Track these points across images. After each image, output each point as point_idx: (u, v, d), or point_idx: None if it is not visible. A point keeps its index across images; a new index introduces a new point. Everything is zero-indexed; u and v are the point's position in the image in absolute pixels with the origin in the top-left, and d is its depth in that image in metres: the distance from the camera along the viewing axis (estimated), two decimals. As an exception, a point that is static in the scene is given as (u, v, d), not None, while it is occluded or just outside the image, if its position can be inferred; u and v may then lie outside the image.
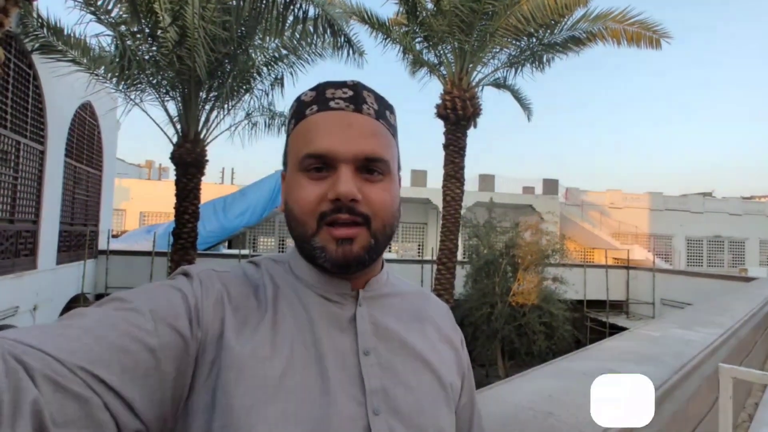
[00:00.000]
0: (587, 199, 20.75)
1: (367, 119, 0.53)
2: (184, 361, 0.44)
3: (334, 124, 0.52)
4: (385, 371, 0.51)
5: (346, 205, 0.49)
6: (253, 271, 0.56)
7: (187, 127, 7.48)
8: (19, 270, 6.59)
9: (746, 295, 4.96)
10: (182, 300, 0.46)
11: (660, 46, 7.82)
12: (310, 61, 8.02)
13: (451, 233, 8.51)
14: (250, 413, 0.43)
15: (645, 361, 1.87)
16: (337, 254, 0.50)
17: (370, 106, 0.54)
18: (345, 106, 0.53)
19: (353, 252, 0.50)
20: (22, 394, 0.31)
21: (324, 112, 0.52)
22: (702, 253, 21.39)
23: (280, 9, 5.43)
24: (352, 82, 0.55)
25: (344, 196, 0.49)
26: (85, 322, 0.39)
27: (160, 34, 6.49)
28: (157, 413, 0.41)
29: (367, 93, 0.55)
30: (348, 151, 0.50)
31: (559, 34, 8.40)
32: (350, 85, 0.54)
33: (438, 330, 0.60)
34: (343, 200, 0.49)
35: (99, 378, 0.36)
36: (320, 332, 0.50)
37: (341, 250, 0.50)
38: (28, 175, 6.79)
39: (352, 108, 0.53)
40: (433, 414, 0.52)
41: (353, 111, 0.53)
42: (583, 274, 12.91)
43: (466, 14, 7.47)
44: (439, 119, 8.57)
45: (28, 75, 6.66)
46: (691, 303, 8.37)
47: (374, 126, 0.53)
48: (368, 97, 0.54)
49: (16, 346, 0.34)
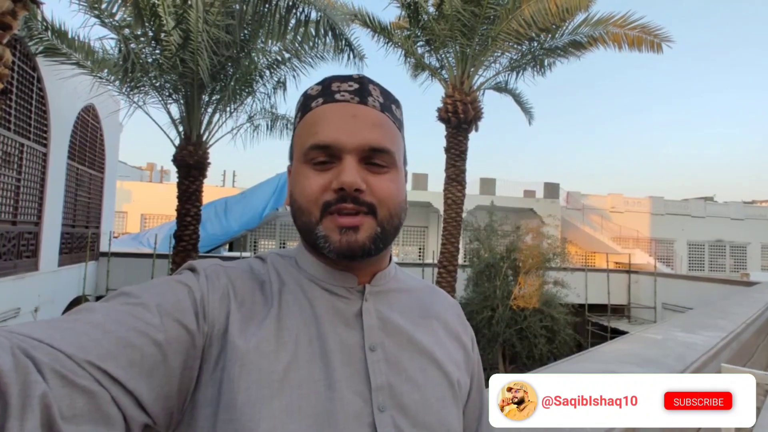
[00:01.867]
0: (588, 203, 20.72)
1: (372, 111, 0.53)
2: (191, 355, 0.44)
3: (338, 115, 0.52)
4: (391, 367, 0.51)
5: (351, 194, 0.49)
6: (259, 266, 0.56)
7: (189, 130, 7.50)
8: (20, 271, 6.60)
9: (748, 300, 4.94)
10: (188, 294, 0.47)
11: (661, 50, 7.85)
12: (312, 64, 8.05)
13: (452, 236, 8.51)
14: (255, 407, 0.43)
15: (647, 364, 1.87)
16: (341, 243, 0.49)
17: (376, 99, 0.54)
18: (350, 98, 0.53)
19: (358, 241, 0.50)
20: (31, 388, 0.31)
21: (329, 104, 0.52)
22: (704, 257, 21.33)
23: (283, 13, 5.46)
24: (357, 76, 0.55)
25: (348, 186, 0.49)
26: (92, 317, 0.40)
27: (163, 37, 6.53)
28: (164, 407, 0.41)
29: (372, 86, 0.55)
30: (352, 141, 0.50)
31: (561, 38, 8.42)
32: (356, 79, 0.55)
33: (446, 326, 0.60)
34: (348, 190, 0.49)
35: (107, 372, 0.36)
36: (326, 327, 0.50)
37: (345, 238, 0.49)
38: (31, 177, 6.81)
39: (357, 100, 0.53)
40: (440, 411, 0.52)
41: (358, 103, 0.53)
42: (584, 277, 12.87)
43: (468, 18, 7.50)
44: (441, 123, 8.59)
45: (32, 77, 6.70)
46: (692, 307, 8.34)
47: (379, 117, 0.53)
48: (374, 91, 0.55)
49: (25, 341, 0.34)
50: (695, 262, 21.16)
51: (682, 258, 20.79)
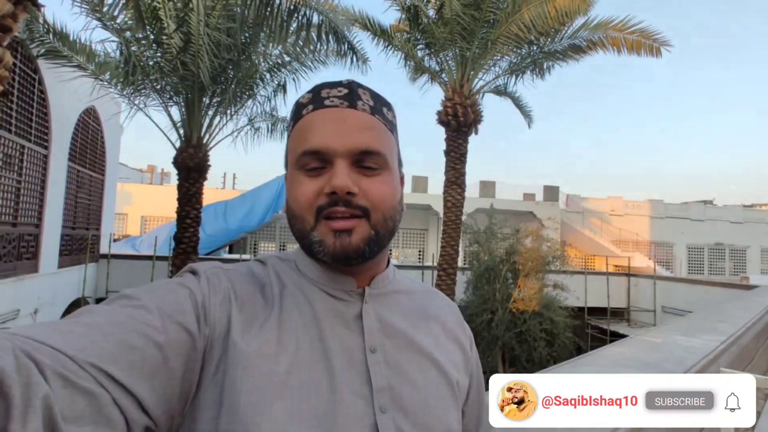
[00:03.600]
0: (588, 206, 20.73)
1: (362, 114, 0.53)
2: (192, 357, 0.44)
3: (328, 120, 0.52)
4: (391, 369, 0.51)
5: (343, 198, 0.49)
6: (260, 269, 0.56)
7: (190, 132, 7.51)
8: (20, 273, 6.59)
9: (748, 303, 4.94)
10: (189, 297, 0.47)
11: (660, 54, 7.88)
12: (312, 68, 8.08)
13: (452, 239, 8.51)
14: (256, 410, 0.43)
15: (646, 368, 1.87)
16: (335, 247, 0.50)
17: (366, 103, 0.54)
18: (339, 103, 0.53)
19: (352, 244, 0.50)
20: (34, 390, 0.31)
21: (319, 110, 0.53)
22: (703, 260, 21.32)
23: (284, 17, 5.48)
24: (347, 81, 0.55)
25: (340, 189, 0.49)
26: (94, 319, 0.40)
27: (164, 40, 6.55)
28: (166, 409, 0.41)
29: (362, 91, 0.55)
30: (343, 145, 0.51)
31: (560, 42, 8.47)
32: (345, 84, 0.55)
33: (445, 328, 0.60)
34: (339, 193, 0.49)
35: (108, 374, 0.36)
36: (326, 329, 0.50)
37: (339, 242, 0.50)
38: (32, 178, 6.82)
39: (347, 105, 0.53)
40: (440, 412, 0.52)
41: (348, 107, 0.53)
42: (584, 281, 12.86)
43: (468, 22, 7.54)
44: (441, 126, 8.61)
45: (33, 80, 6.72)
46: (692, 311, 8.34)
47: (369, 120, 0.53)
48: (363, 95, 0.55)
49: (27, 343, 0.34)
50: (695, 266, 21.15)
51: (682, 261, 20.78)
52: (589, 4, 7.64)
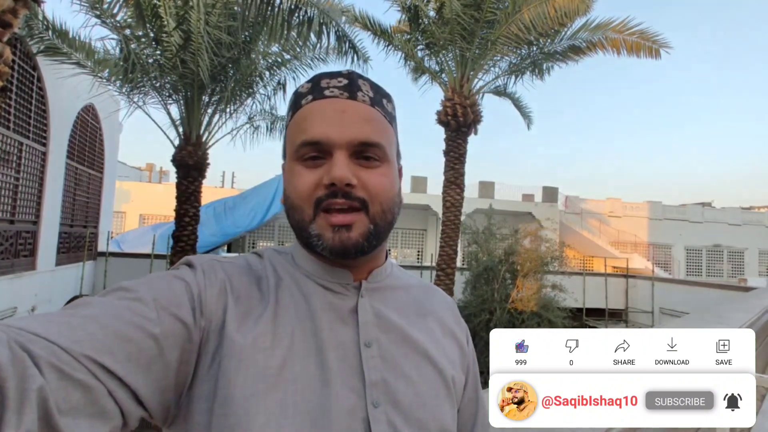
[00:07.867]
0: (587, 208, 20.77)
1: (362, 106, 0.53)
2: (187, 349, 0.44)
3: (328, 111, 0.52)
4: (386, 363, 0.51)
5: (342, 189, 0.49)
6: (256, 262, 0.56)
7: (189, 130, 7.50)
8: (18, 270, 6.57)
9: (745, 305, 4.96)
10: (185, 289, 0.47)
11: (659, 56, 7.89)
12: (312, 66, 8.08)
13: (450, 239, 8.51)
14: (250, 402, 0.43)
15: (644, 368, 1.87)
16: (334, 241, 0.50)
17: (365, 94, 0.54)
18: (339, 93, 0.53)
19: (351, 239, 0.50)
20: (29, 382, 0.31)
21: (319, 100, 0.52)
22: (701, 262, 21.38)
23: (285, 15, 5.47)
24: (347, 71, 0.55)
25: (339, 180, 0.49)
26: (89, 311, 0.40)
27: (164, 38, 6.53)
28: (161, 401, 0.42)
29: (362, 81, 0.55)
30: (342, 136, 0.50)
31: (560, 42, 8.48)
32: (345, 74, 0.54)
33: (442, 324, 0.60)
34: (338, 185, 0.49)
35: (103, 366, 0.36)
36: (321, 323, 0.50)
37: (338, 237, 0.50)
38: (30, 176, 6.80)
39: (347, 95, 0.53)
40: (434, 408, 0.52)
41: (348, 98, 0.52)
42: (582, 282, 12.89)
43: (468, 22, 7.54)
44: (440, 126, 8.62)
45: (32, 76, 6.69)
46: (689, 312, 8.36)
47: (369, 112, 0.53)
48: (363, 86, 0.54)
49: (22, 335, 0.34)
50: (693, 267, 21.21)
51: (680, 263, 20.83)
52: (588, 5, 7.65)
